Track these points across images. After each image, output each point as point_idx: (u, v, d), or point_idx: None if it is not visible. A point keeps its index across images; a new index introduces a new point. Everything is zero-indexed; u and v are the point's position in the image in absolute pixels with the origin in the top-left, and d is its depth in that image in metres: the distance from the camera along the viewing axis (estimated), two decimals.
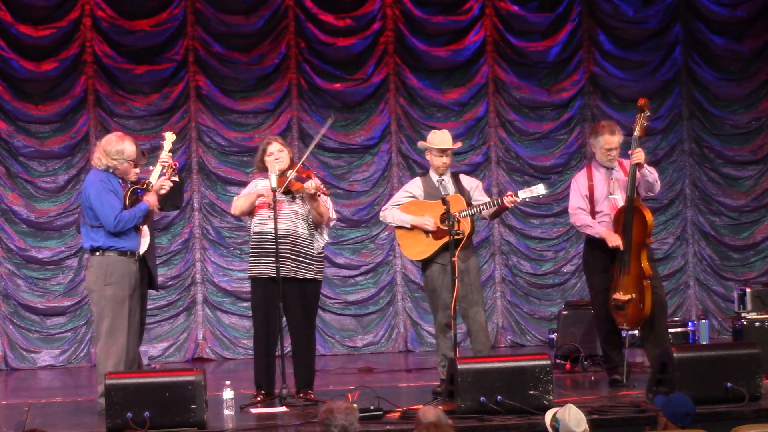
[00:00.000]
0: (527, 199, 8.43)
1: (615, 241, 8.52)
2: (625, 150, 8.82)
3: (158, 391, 7.16)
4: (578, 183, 8.82)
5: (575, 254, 12.79)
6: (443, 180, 8.62)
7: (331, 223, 8.48)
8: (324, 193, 8.27)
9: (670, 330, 11.07)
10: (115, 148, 7.95)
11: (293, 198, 8.26)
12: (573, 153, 12.91)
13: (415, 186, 8.72)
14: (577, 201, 8.77)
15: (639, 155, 8.51)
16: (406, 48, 12.66)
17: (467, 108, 12.78)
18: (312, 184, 8.09)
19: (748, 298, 10.56)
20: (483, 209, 8.42)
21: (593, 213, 8.74)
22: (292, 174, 8.18)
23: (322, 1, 12.52)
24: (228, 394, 7.80)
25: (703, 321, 11.70)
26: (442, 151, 8.59)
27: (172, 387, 7.18)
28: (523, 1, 12.80)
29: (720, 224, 13.10)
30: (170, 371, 8.03)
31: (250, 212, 8.33)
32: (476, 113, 12.75)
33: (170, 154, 8.28)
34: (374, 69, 12.61)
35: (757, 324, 9.63)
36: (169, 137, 8.35)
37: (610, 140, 8.67)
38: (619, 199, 8.67)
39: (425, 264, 8.61)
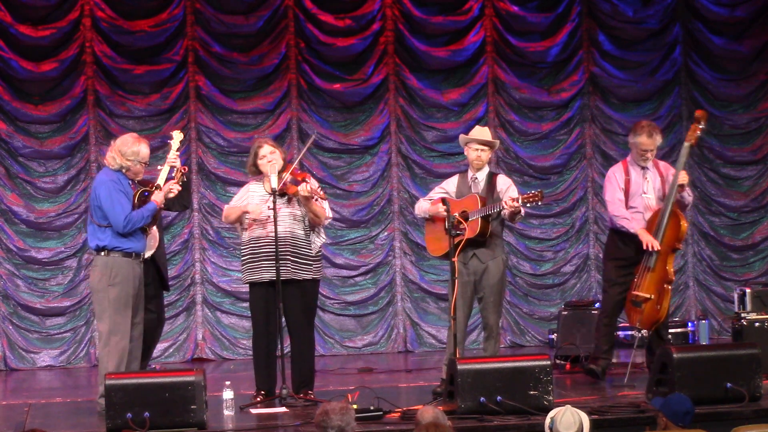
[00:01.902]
0: (528, 205, 8.44)
1: (651, 240, 8.58)
2: (621, 150, 8.93)
3: (158, 391, 7.16)
4: (615, 176, 8.95)
5: (575, 254, 12.80)
6: (476, 178, 8.64)
7: (326, 222, 8.48)
8: (321, 198, 8.27)
9: (669, 330, 11.13)
10: (131, 149, 7.99)
11: (289, 200, 8.26)
12: (572, 153, 12.92)
13: (451, 183, 8.79)
14: (615, 192, 8.90)
15: (684, 177, 8.71)
16: (406, 48, 12.67)
17: (467, 108, 12.78)
18: (305, 187, 8.09)
19: (747, 299, 10.56)
20: (489, 211, 8.42)
21: (626, 207, 8.88)
22: (287, 177, 8.17)
23: (322, 2, 12.52)
24: (228, 394, 7.81)
25: (703, 321, 11.70)
26: (479, 144, 8.61)
27: (171, 387, 7.19)
28: (523, 2, 12.80)
29: (719, 225, 13.11)
30: (170, 371, 8.04)
31: (239, 221, 8.35)
32: (476, 113, 12.75)
33: (178, 153, 8.32)
34: (374, 69, 12.61)
35: (757, 324, 9.64)
36: (177, 136, 8.40)
37: (646, 142, 8.86)
38: (652, 199, 8.80)
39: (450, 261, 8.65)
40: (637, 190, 8.86)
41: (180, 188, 8.16)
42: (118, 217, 7.85)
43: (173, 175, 8.22)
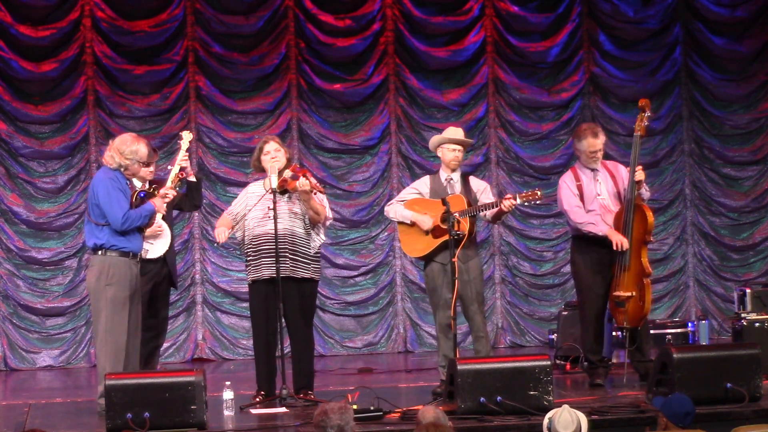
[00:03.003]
0: (526, 204, 8.42)
1: (620, 239, 8.52)
2: (622, 150, 8.88)
3: (158, 391, 7.15)
4: (567, 183, 8.84)
5: None
6: (452, 179, 8.62)
7: (327, 222, 8.47)
8: (320, 191, 8.26)
9: (670, 330, 11.12)
10: (130, 148, 7.99)
11: (290, 197, 8.26)
12: (573, 154, 12.84)
13: (422, 184, 8.74)
14: (572, 199, 8.77)
15: (640, 174, 8.60)
16: (406, 48, 12.67)
17: (467, 108, 12.78)
18: (304, 181, 8.09)
19: (747, 299, 10.56)
20: (482, 210, 8.41)
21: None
22: (287, 173, 8.18)
23: (322, 2, 12.53)
24: (228, 394, 7.80)
25: (703, 321, 11.71)
26: (455, 144, 8.60)
27: (171, 387, 7.18)
28: (523, 2, 12.80)
29: (720, 225, 13.11)
30: (170, 372, 8.02)
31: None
32: (476, 114, 12.76)
33: (187, 154, 8.35)
34: (374, 69, 12.61)
35: (757, 324, 9.63)
36: (186, 136, 8.45)
37: (593, 143, 8.77)
38: (607, 199, 8.73)
39: (426, 262, 8.60)
40: (591, 193, 8.73)
41: (175, 193, 8.19)
42: (117, 215, 7.85)
43: (184, 174, 8.28)
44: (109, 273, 7.89)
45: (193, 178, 8.69)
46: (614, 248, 8.55)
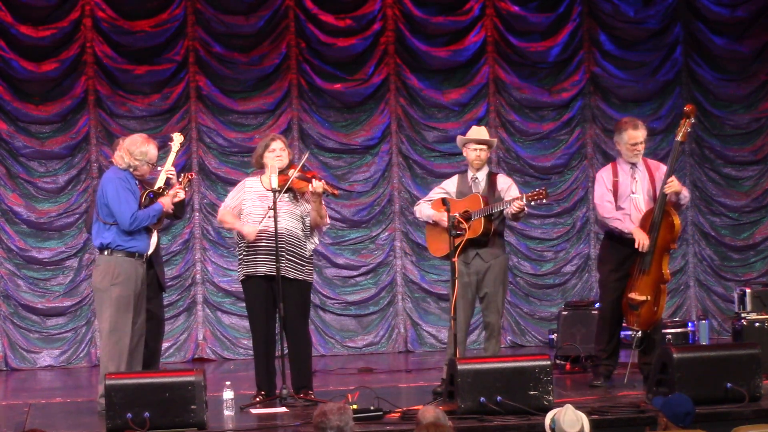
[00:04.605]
0: (532, 203, 8.43)
1: (644, 239, 8.50)
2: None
3: (158, 391, 7.17)
4: (603, 177, 8.81)
5: (575, 254, 12.80)
6: (477, 178, 8.65)
7: (325, 228, 8.52)
8: (333, 193, 8.29)
9: (670, 330, 11.12)
10: (140, 149, 8.03)
11: (295, 197, 8.27)
12: (573, 153, 12.92)
13: (451, 183, 8.78)
14: (604, 193, 8.74)
15: (672, 186, 8.55)
16: (407, 48, 12.67)
17: (467, 108, 12.78)
18: (319, 183, 8.11)
19: (747, 299, 10.55)
20: (494, 210, 8.41)
21: (615, 208, 8.75)
22: (294, 173, 8.19)
23: (322, 2, 12.53)
24: (228, 394, 7.81)
25: (703, 321, 11.70)
26: (477, 144, 8.61)
27: (172, 387, 7.19)
28: (524, 2, 12.80)
29: (720, 225, 13.10)
30: (170, 372, 8.03)
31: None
32: (476, 114, 12.75)
33: (174, 167, 8.32)
34: (374, 69, 12.61)
35: (757, 324, 9.64)
36: (177, 138, 8.41)
37: (634, 135, 8.70)
38: (641, 200, 8.69)
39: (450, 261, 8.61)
40: (626, 190, 8.70)
41: (185, 194, 8.21)
42: (125, 215, 7.88)
43: (179, 179, 8.26)
44: (115, 273, 7.91)
45: (187, 188, 8.67)
46: (635, 246, 8.52)
